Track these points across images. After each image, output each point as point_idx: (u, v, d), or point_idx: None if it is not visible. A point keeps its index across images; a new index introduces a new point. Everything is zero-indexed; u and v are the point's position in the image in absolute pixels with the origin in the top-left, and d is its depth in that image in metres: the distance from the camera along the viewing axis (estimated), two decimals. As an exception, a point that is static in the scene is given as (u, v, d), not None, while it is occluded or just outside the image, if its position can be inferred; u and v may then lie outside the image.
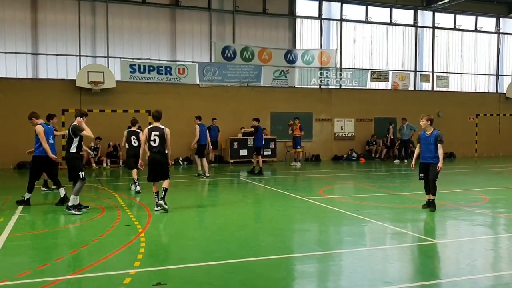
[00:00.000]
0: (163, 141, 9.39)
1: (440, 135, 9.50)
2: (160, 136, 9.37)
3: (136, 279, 5.40)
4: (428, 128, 9.63)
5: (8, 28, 19.37)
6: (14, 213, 9.29)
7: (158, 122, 9.53)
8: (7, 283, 5.25)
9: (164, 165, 9.52)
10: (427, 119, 9.59)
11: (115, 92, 20.19)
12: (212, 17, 22.07)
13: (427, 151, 9.61)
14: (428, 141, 9.58)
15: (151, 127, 9.53)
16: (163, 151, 9.42)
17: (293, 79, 23.33)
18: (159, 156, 9.41)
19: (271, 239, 7.56)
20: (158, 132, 9.39)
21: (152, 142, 9.38)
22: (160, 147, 9.38)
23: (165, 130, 9.45)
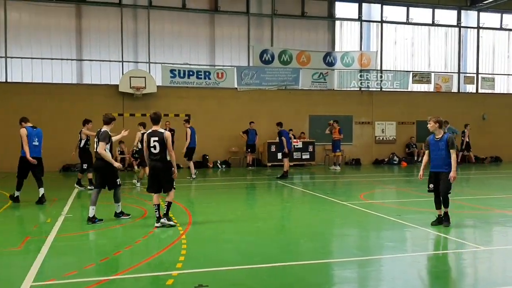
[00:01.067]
0: (163, 146, 8.30)
1: (451, 139, 8.36)
2: (160, 141, 8.29)
3: (178, 280, 5.47)
4: (437, 131, 8.45)
5: (54, 35, 20.12)
6: (61, 214, 9.60)
7: (157, 125, 8.44)
8: (55, 282, 5.43)
9: (167, 174, 8.41)
10: (435, 121, 8.39)
11: (156, 97, 20.59)
12: (251, 21, 22.20)
13: (437, 158, 8.40)
14: (438, 146, 8.41)
15: (150, 131, 8.44)
16: (164, 158, 8.34)
17: (332, 82, 23.13)
18: (160, 164, 8.34)
19: (311, 244, 7.50)
20: (158, 137, 8.31)
21: (152, 148, 8.33)
22: (161, 154, 8.31)
23: (165, 133, 8.34)
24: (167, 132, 8.35)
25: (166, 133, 8.34)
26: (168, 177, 8.39)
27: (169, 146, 8.34)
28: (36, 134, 11.14)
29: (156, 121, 8.45)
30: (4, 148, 17.98)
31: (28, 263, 6.04)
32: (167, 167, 8.37)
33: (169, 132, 8.34)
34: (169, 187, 8.44)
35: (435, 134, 8.46)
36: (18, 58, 19.66)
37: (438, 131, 8.45)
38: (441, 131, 8.46)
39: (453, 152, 8.27)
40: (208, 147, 21.16)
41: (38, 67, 19.92)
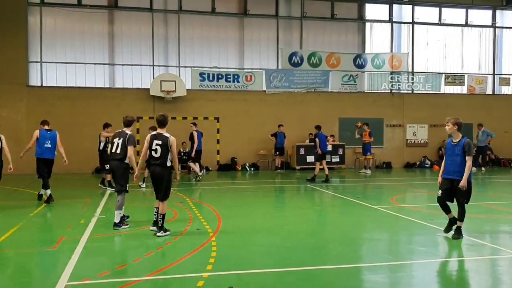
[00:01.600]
0: (165, 151, 7.79)
1: (469, 144, 7.58)
2: (163, 145, 7.81)
3: (209, 282, 5.50)
4: (455, 134, 7.73)
5: (87, 40, 20.60)
6: (94, 215, 9.80)
7: (163, 128, 7.98)
8: (89, 282, 5.54)
9: (164, 181, 7.87)
10: (454, 123, 7.66)
11: (186, 100, 20.82)
12: (280, 24, 22.21)
13: (452, 163, 7.68)
14: (454, 151, 7.68)
15: (154, 134, 7.99)
16: (165, 163, 7.82)
17: (362, 84, 22.89)
18: (159, 169, 7.85)
19: (342, 248, 7.42)
20: (161, 141, 7.84)
21: (153, 152, 7.86)
22: (162, 159, 7.81)
23: (170, 138, 7.83)
24: (172, 137, 7.86)
25: (171, 138, 7.86)
26: (166, 184, 7.87)
27: (174, 152, 7.86)
28: (50, 136, 11.50)
29: (162, 124, 8.00)
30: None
31: (63, 263, 6.19)
32: (166, 173, 7.87)
33: (174, 138, 7.87)
34: (164, 195, 7.87)
35: (453, 137, 7.81)
36: (52, 63, 20.22)
37: (456, 134, 7.75)
38: (459, 134, 7.73)
39: (469, 159, 7.52)
40: (236, 150, 21.27)
41: (71, 72, 20.44)
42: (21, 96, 19.61)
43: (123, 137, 8.87)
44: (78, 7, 20.34)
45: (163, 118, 8.01)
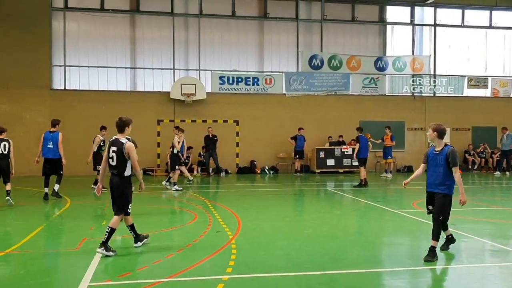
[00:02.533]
0: (122, 159, 6.88)
1: (452, 153, 6.68)
2: (119, 152, 6.88)
3: (228, 285, 5.50)
4: (436, 142, 6.84)
5: (109, 44, 20.92)
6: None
7: (121, 133, 7.07)
8: (110, 283, 5.61)
9: (120, 193, 6.98)
10: (433, 129, 6.76)
11: (206, 103, 20.95)
12: (300, 26, 22.20)
13: (434, 175, 6.82)
14: (436, 161, 6.78)
15: (112, 140, 7.11)
16: (121, 173, 6.92)
17: (383, 87, 22.70)
18: (116, 180, 6.98)
19: (362, 252, 7.34)
20: (117, 147, 6.91)
21: (110, 160, 6.98)
22: (118, 168, 6.91)
23: (126, 144, 6.89)
24: (129, 143, 6.95)
25: (127, 144, 6.90)
26: (121, 195, 6.97)
27: (133, 160, 6.92)
28: (51, 137, 12.19)
29: (119, 128, 7.07)
30: (71, 153, 18.59)
31: (85, 264, 6.27)
32: (122, 184, 6.95)
33: (131, 143, 6.99)
34: (119, 208, 7.00)
35: (435, 145, 6.89)
36: (75, 66, 20.58)
37: (438, 142, 6.82)
38: (442, 142, 6.81)
39: (456, 170, 6.67)
40: (255, 152, 21.29)
41: (94, 75, 20.77)
42: (45, 99, 20.01)
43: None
44: (100, 12, 20.68)
45: (121, 122, 7.07)
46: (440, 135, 6.77)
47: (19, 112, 19.75)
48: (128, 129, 7.15)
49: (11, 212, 10.74)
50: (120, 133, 7.07)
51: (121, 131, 7.08)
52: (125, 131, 7.11)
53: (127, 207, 7.08)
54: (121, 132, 7.07)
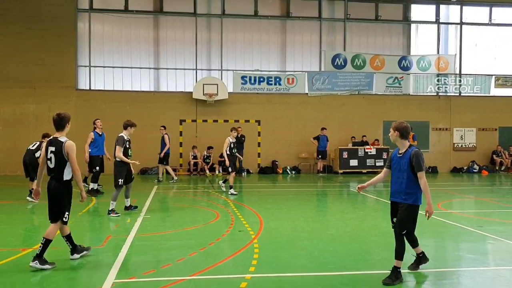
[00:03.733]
0: (61, 161, 6.13)
1: (416, 155, 5.67)
2: (57, 153, 6.14)
3: (251, 284, 5.51)
4: (399, 143, 5.88)
5: (134, 45, 21.18)
6: (139, 215, 10.03)
7: (60, 131, 6.25)
8: (135, 280, 5.67)
9: (57, 199, 6.19)
10: (395, 128, 5.84)
11: (228, 103, 21.01)
12: (323, 26, 22.07)
13: (397, 182, 5.85)
14: (399, 165, 5.82)
15: (50, 139, 6.35)
16: (60, 176, 6.16)
17: (407, 86, 22.40)
18: (53, 184, 6.21)
19: (386, 253, 7.23)
20: (55, 148, 6.15)
21: (48, 162, 6.21)
22: (56, 171, 6.16)
23: (65, 143, 6.13)
24: (69, 141, 6.18)
25: (67, 143, 6.15)
26: (59, 202, 6.19)
27: (72, 162, 6.13)
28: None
29: (58, 125, 6.23)
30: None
31: (110, 261, 6.37)
32: (61, 189, 6.19)
33: (72, 142, 6.20)
34: (57, 215, 6.20)
35: (399, 147, 5.93)
36: (100, 67, 20.90)
37: (401, 143, 5.85)
38: (405, 143, 5.84)
39: (421, 176, 5.66)
40: (277, 152, 21.26)
41: (118, 76, 21.05)
42: (70, 99, 20.36)
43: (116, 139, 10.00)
44: (125, 13, 20.94)
45: (58, 118, 6.22)
46: (403, 135, 5.80)
47: (46, 112, 20.10)
48: (68, 126, 6.28)
49: (38, 209, 10.97)
50: (59, 131, 6.22)
51: (60, 128, 6.22)
52: (65, 128, 6.25)
53: (63, 215, 6.20)
54: (59, 130, 6.22)
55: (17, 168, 19.59)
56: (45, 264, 6.00)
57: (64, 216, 6.23)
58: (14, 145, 19.54)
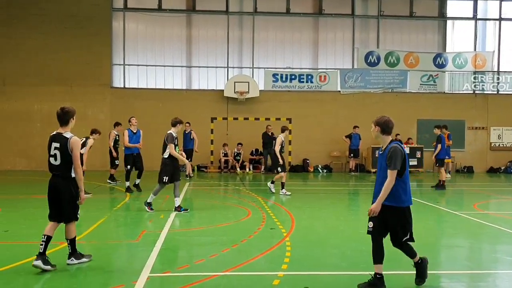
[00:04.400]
0: (67, 157, 5.83)
1: (392, 151, 5.20)
2: (62, 149, 5.83)
3: (284, 281, 5.51)
4: (381, 139, 5.45)
5: (167, 44, 21.45)
6: (172, 211, 10.15)
7: (64, 126, 5.93)
8: (170, 274, 5.77)
9: (65, 197, 5.89)
10: (375, 123, 5.43)
11: (259, 101, 21.02)
12: (356, 23, 21.81)
13: (377, 181, 5.41)
14: (380, 163, 5.40)
15: (53, 134, 6.00)
16: (66, 174, 5.88)
17: (442, 84, 21.89)
18: (59, 181, 5.92)
19: (424, 254, 7.07)
20: (59, 144, 5.84)
21: (52, 158, 5.91)
22: (63, 168, 5.86)
23: (71, 139, 5.84)
24: (74, 137, 5.88)
25: (72, 139, 5.83)
26: (68, 201, 5.89)
27: (75, 159, 5.84)
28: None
29: (62, 120, 5.91)
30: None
31: (145, 255, 6.48)
32: (68, 187, 5.88)
33: (77, 138, 5.93)
34: (69, 215, 5.95)
35: (382, 144, 5.50)
36: (134, 65, 21.26)
37: (382, 139, 5.42)
38: (387, 139, 5.39)
39: (390, 174, 5.17)
40: (308, 151, 21.14)
41: (151, 74, 21.38)
42: (105, 97, 20.80)
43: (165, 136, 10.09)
44: (158, 12, 21.23)
45: (62, 113, 5.90)
46: (384, 130, 5.34)
47: (81, 109, 20.52)
48: (72, 121, 5.98)
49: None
50: (63, 126, 5.91)
51: (64, 123, 5.90)
52: (69, 123, 5.94)
53: (77, 212, 6.02)
54: (64, 125, 5.90)
55: (54, 163, 20.26)
56: (82, 258, 6.10)
57: (77, 213, 6.02)
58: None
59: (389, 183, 5.18)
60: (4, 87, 20.23)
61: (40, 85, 20.23)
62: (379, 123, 5.40)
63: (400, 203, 5.31)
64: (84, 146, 12.25)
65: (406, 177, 5.35)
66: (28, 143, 19.92)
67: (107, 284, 5.34)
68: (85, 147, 12.27)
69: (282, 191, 12.97)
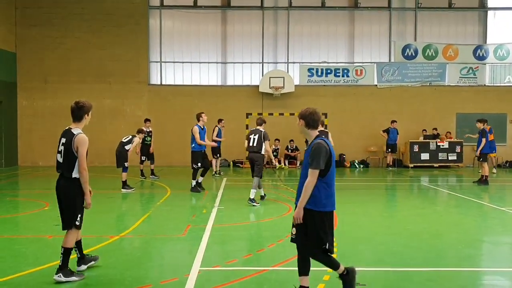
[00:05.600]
0: (70, 156, 5.30)
1: (315, 147, 4.56)
2: (67, 146, 5.32)
3: (334, 277, 5.45)
4: (306, 134, 4.85)
5: (202, 40, 21.62)
6: (213, 206, 10.27)
7: (77, 122, 5.44)
8: (219, 268, 5.84)
9: (68, 199, 5.35)
10: (300, 116, 4.81)
11: (294, 96, 20.94)
12: (392, 16, 21.43)
13: (301, 180, 4.71)
14: (305, 160, 4.76)
15: (65, 129, 5.51)
16: (67, 174, 5.33)
17: (483, 77, 21.29)
18: (62, 183, 5.40)
19: (471, 250, 6.99)
20: (66, 139, 5.35)
21: (58, 155, 5.45)
22: (66, 167, 5.33)
23: (76, 136, 5.30)
24: (81, 134, 5.32)
25: (78, 136, 5.29)
26: (72, 204, 5.34)
27: (80, 158, 5.26)
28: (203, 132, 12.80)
29: (75, 115, 5.42)
30: (166, 144, 19.53)
31: (193, 249, 6.57)
32: (71, 188, 5.33)
33: (84, 136, 5.33)
34: (68, 221, 5.35)
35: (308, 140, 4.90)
36: (171, 62, 21.52)
37: (308, 134, 4.81)
38: (313, 134, 4.74)
39: (311, 174, 4.50)
40: (345, 146, 20.92)
41: (187, 70, 21.60)
42: (143, 94, 21.15)
43: (258, 133, 10.74)
44: (194, 9, 21.41)
45: (76, 107, 5.39)
46: (309, 124, 4.71)
47: (120, 106, 21.07)
48: (87, 118, 5.47)
49: (118, 199, 11.54)
50: (75, 122, 5.42)
51: (77, 119, 5.41)
52: (83, 119, 5.44)
53: (76, 220, 5.34)
54: (77, 121, 5.42)
55: (94, 159, 20.69)
56: (71, 276, 5.28)
57: (76, 220, 5.34)
58: (90, 138, 20.23)
59: (309, 183, 4.50)
60: (46, 84, 20.84)
61: (80, 82, 20.73)
62: (303, 116, 4.74)
63: (320, 207, 4.56)
64: (130, 144, 12.57)
65: (330, 178, 4.61)
66: (69, 140, 20.44)
67: (160, 278, 5.44)
68: (130, 144, 12.58)
69: None
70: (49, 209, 9.87)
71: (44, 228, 8.05)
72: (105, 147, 21.20)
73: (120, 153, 12.49)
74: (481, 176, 14.61)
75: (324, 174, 4.55)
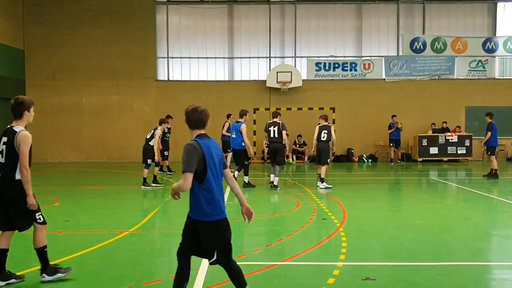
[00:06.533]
0: (13, 155, 4.95)
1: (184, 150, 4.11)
2: (8, 144, 5.00)
3: (344, 271, 5.48)
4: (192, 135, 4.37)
5: (208, 35, 21.59)
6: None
7: (18, 119, 5.09)
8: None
9: (17, 201, 4.96)
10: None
11: (301, 91, 20.88)
12: (400, 9, 21.26)
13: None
14: None
15: (6, 128, 5.14)
16: (10, 175, 4.96)
17: (492, 70, 21.09)
18: (6, 186, 4.98)
19: (482, 244, 6.96)
20: (7, 138, 5.02)
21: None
22: (9, 168, 4.97)
23: (18, 134, 4.96)
24: (24, 132, 4.99)
25: (21, 134, 4.96)
26: (19, 206, 4.96)
27: (22, 156, 4.89)
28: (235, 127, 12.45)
29: (15, 112, 5.09)
30: (173, 140, 19.58)
31: (203, 245, 6.57)
32: (15, 191, 4.95)
33: (27, 133, 4.98)
34: (24, 222, 5.04)
35: None
36: (178, 58, 21.53)
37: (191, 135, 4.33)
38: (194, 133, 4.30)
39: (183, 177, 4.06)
40: (353, 140, 20.87)
41: (194, 66, 21.60)
42: (150, 90, 21.19)
43: (277, 125, 11.94)
44: (200, 4, 21.38)
45: (15, 104, 5.08)
46: (189, 122, 4.27)
47: (127, 102, 21.13)
48: (28, 114, 5.12)
49: (128, 195, 11.59)
50: (16, 119, 5.09)
51: (17, 116, 5.08)
52: (24, 116, 5.10)
53: (35, 218, 5.04)
54: (18, 118, 5.09)
55: (102, 155, 20.88)
56: (55, 273, 5.12)
57: (36, 218, 5.03)
58: (99, 135, 20.75)
59: (180, 187, 4.11)
60: (55, 81, 20.94)
61: (88, 79, 20.82)
62: (186, 113, 4.28)
63: (204, 216, 4.13)
64: (153, 138, 12.50)
65: (209, 183, 4.08)
66: (77, 136, 20.58)
67: (170, 273, 5.42)
68: (153, 139, 12.48)
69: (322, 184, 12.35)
70: (59, 205, 9.95)
71: (54, 224, 8.10)
72: (113, 143, 21.33)
73: (145, 150, 12.48)
74: (491, 169, 14.49)
75: (202, 180, 4.06)
